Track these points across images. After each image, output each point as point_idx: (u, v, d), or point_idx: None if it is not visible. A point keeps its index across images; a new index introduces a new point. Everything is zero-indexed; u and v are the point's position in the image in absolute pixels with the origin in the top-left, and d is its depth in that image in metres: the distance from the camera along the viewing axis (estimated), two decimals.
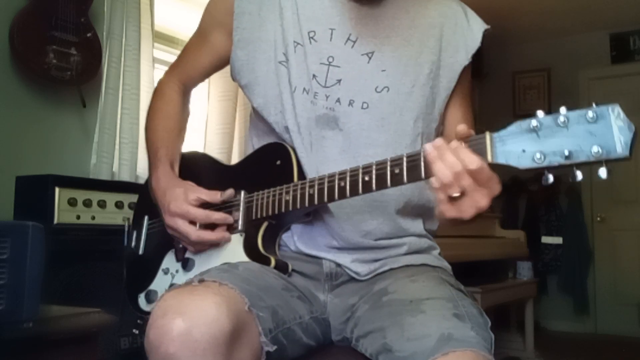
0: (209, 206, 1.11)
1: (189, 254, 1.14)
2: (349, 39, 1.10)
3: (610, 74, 4.95)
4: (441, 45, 1.14)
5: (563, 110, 0.72)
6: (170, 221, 1.09)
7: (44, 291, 1.29)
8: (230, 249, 1.07)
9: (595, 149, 0.69)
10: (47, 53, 2.14)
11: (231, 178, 1.17)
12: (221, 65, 1.24)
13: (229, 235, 1.08)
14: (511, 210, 5.12)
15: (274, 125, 1.13)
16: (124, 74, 2.50)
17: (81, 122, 2.42)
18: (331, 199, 0.95)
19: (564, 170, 0.73)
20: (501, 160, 0.76)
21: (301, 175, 1.07)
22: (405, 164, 0.86)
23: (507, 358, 3.72)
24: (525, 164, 0.74)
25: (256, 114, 1.18)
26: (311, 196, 0.98)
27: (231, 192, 1.09)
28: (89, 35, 2.27)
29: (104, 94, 2.42)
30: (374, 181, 0.89)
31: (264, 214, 1.05)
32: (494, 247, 3.69)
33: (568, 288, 4.94)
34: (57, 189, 1.87)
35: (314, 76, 1.10)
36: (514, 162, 0.75)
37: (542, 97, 5.29)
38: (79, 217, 1.92)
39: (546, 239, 4.82)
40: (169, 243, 1.17)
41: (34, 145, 2.25)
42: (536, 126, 0.73)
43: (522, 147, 0.74)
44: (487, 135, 0.78)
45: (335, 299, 1.09)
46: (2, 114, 2.15)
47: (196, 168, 1.22)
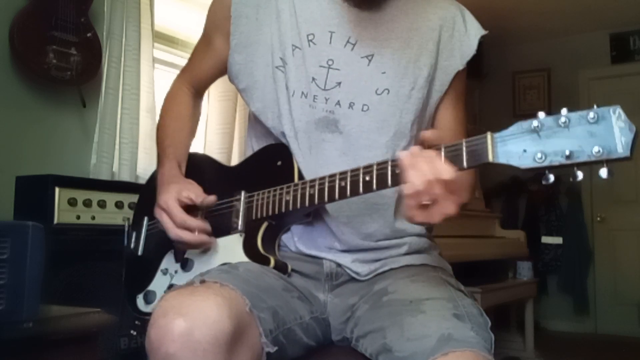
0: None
1: (189, 255, 1.14)
2: (348, 41, 1.10)
3: (610, 74, 4.94)
4: (438, 48, 1.14)
5: (564, 111, 0.72)
6: (156, 212, 1.11)
7: (44, 291, 1.29)
8: (230, 249, 1.07)
9: (596, 149, 0.69)
10: (47, 53, 2.14)
11: (232, 179, 1.17)
12: (226, 69, 1.24)
13: (208, 240, 1.08)
14: (511, 210, 5.11)
15: (272, 129, 1.13)
16: (124, 74, 2.50)
17: (81, 122, 2.42)
18: (331, 199, 0.95)
19: (564, 170, 0.73)
20: (502, 160, 0.76)
21: (302, 176, 1.07)
22: None
23: (507, 358, 3.72)
24: (526, 163, 0.74)
25: (255, 117, 1.18)
26: (311, 196, 0.98)
27: (212, 199, 1.10)
28: (89, 35, 2.27)
29: (104, 94, 2.42)
30: (374, 181, 0.89)
31: (264, 214, 1.05)
32: (494, 247, 3.69)
33: (568, 288, 4.94)
34: (57, 189, 1.87)
35: (314, 79, 1.09)
36: (515, 162, 0.75)
37: (542, 97, 5.28)
38: (79, 217, 1.92)
39: (546, 239, 4.82)
40: (168, 244, 1.17)
41: (34, 145, 2.25)
42: (537, 126, 0.73)
43: (523, 147, 0.74)
44: (489, 136, 0.78)
45: (336, 299, 1.09)
46: (2, 114, 2.15)
47: (198, 169, 1.22)
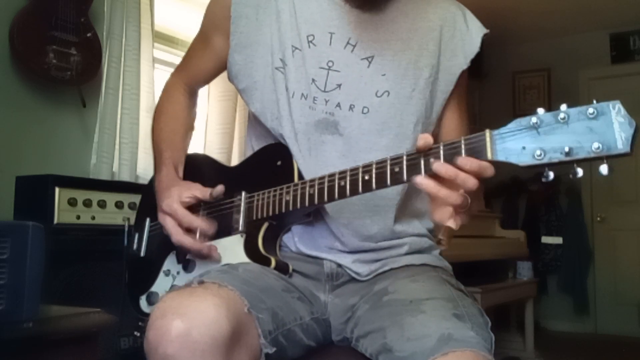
0: (208, 207, 1.11)
1: (190, 256, 1.14)
2: (348, 43, 1.09)
3: (610, 74, 4.94)
4: (440, 48, 1.13)
5: (563, 107, 0.72)
6: (160, 218, 1.10)
7: (44, 291, 1.29)
8: (231, 249, 1.07)
9: (596, 145, 0.69)
10: (47, 53, 2.14)
11: (232, 179, 1.16)
12: (224, 68, 1.23)
13: (207, 249, 1.06)
14: (511, 210, 5.12)
15: (271, 130, 1.12)
16: (124, 74, 2.50)
17: (81, 122, 2.41)
18: (331, 198, 0.95)
19: (564, 167, 0.73)
20: (501, 158, 0.75)
21: (302, 176, 1.07)
22: (405, 162, 0.85)
23: (507, 358, 3.72)
24: (525, 161, 0.74)
25: (254, 117, 1.18)
26: (311, 196, 0.98)
27: (221, 188, 1.08)
28: (89, 35, 2.27)
29: (104, 94, 2.42)
30: (374, 180, 0.88)
31: (265, 215, 1.05)
32: (494, 247, 3.69)
33: (568, 288, 4.93)
34: (57, 189, 1.87)
35: (313, 80, 1.09)
36: (514, 160, 0.75)
37: (542, 97, 5.28)
38: (79, 217, 1.92)
39: (546, 239, 4.82)
40: (170, 245, 1.16)
41: (34, 145, 2.25)
42: (536, 123, 0.73)
43: (522, 144, 0.74)
44: (487, 133, 0.77)
45: (336, 299, 1.09)
46: (2, 114, 2.15)
47: (198, 170, 1.22)
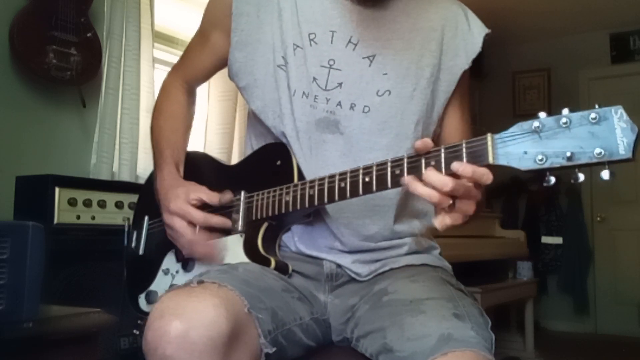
0: (208, 207, 1.11)
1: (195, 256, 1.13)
2: (350, 41, 1.09)
3: (610, 74, 4.94)
4: (442, 48, 1.13)
5: (565, 111, 0.71)
6: (169, 219, 1.08)
7: (44, 291, 1.29)
8: (231, 249, 1.07)
9: (598, 150, 0.68)
10: (47, 53, 2.14)
11: (231, 178, 1.16)
12: (223, 65, 1.23)
13: (214, 255, 1.07)
14: (511, 210, 5.11)
15: (272, 129, 1.12)
16: (124, 74, 2.50)
17: (81, 122, 2.41)
18: (331, 199, 0.95)
19: (565, 171, 0.73)
20: (502, 162, 0.75)
21: (301, 176, 1.06)
22: (406, 165, 0.85)
23: (507, 358, 3.72)
24: (526, 165, 0.73)
25: (254, 115, 1.17)
26: (311, 197, 0.97)
27: (230, 196, 1.08)
28: (89, 35, 2.27)
29: (104, 94, 2.42)
30: (374, 182, 0.88)
31: (264, 215, 1.05)
32: (494, 247, 3.69)
33: (568, 288, 4.94)
34: (57, 189, 1.87)
35: (314, 79, 1.09)
36: (515, 164, 0.74)
37: (542, 97, 5.28)
38: (79, 217, 1.92)
39: (546, 239, 4.82)
40: (169, 243, 1.16)
41: (34, 145, 2.25)
42: (538, 127, 0.73)
43: (524, 148, 0.74)
44: (489, 137, 0.77)
45: (336, 299, 1.09)
46: (2, 114, 2.15)
47: (197, 168, 1.21)
